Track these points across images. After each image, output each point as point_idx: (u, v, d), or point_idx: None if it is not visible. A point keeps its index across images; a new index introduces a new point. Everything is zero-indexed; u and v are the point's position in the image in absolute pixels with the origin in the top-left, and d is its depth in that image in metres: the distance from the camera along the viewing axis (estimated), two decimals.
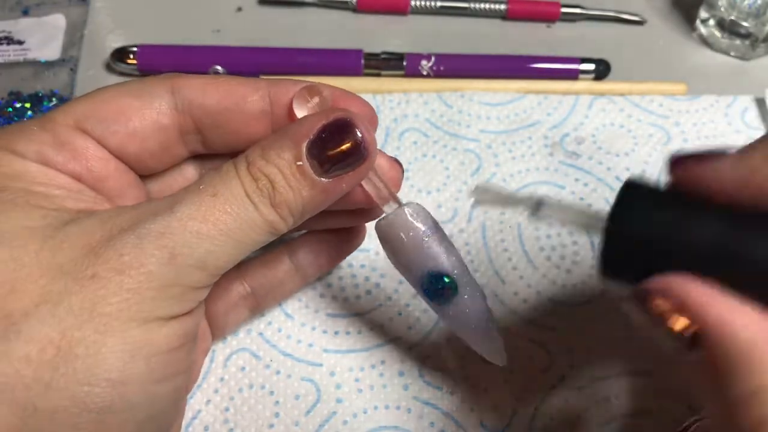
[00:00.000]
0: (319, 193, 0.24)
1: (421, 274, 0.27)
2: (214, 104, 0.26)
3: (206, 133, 0.26)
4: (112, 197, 0.25)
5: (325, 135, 0.24)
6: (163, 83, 0.25)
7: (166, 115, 0.25)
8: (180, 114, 0.25)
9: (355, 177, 0.25)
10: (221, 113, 0.26)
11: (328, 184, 0.24)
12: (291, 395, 0.32)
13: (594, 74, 0.44)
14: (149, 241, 0.21)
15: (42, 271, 0.21)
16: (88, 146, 0.24)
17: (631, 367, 0.33)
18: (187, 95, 0.25)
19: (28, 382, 0.20)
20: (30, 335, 0.20)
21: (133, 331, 0.21)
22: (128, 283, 0.21)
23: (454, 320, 0.27)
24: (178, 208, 0.22)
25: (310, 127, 0.24)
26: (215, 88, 0.26)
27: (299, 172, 0.23)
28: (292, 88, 0.26)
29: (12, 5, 0.47)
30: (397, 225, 0.26)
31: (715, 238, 0.20)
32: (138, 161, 0.26)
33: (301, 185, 0.24)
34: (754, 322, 0.19)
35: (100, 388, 0.20)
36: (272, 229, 0.24)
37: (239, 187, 0.23)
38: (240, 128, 0.26)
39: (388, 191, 0.26)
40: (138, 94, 0.25)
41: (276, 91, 0.26)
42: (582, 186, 0.39)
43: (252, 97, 0.26)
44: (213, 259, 0.23)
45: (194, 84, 0.25)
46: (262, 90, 0.26)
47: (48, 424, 0.20)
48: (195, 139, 0.26)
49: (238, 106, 0.26)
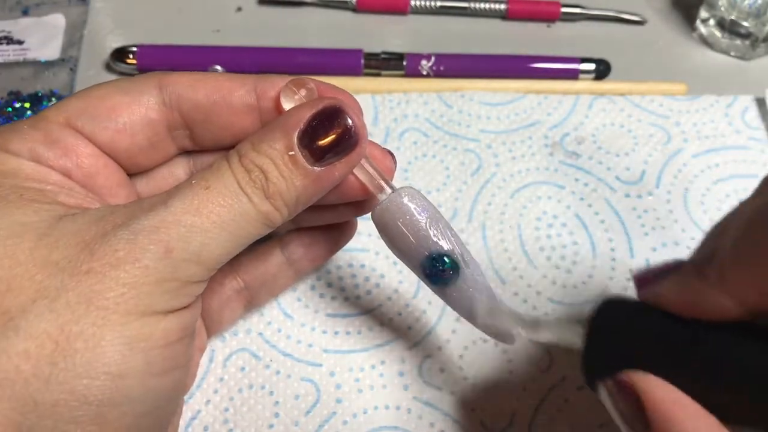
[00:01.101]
0: (312, 182, 0.24)
1: (421, 258, 0.26)
2: (202, 98, 0.26)
3: (195, 128, 0.26)
4: (103, 195, 0.25)
5: (316, 123, 0.24)
6: (151, 80, 0.26)
7: (154, 110, 0.26)
8: (168, 109, 0.26)
9: (347, 164, 0.25)
10: (209, 107, 0.26)
11: (321, 172, 0.24)
12: (291, 395, 0.32)
13: (594, 74, 0.44)
14: (144, 236, 0.22)
15: (38, 268, 0.21)
16: (78, 143, 0.25)
17: None
18: (175, 90, 0.26)
19: (27, 378, 0.20)
20: (28, 331, 0.20)
21: (131, 324, 0.21)
22: (124, 277, 0.21)
23: (459, 302, 0.27)
24: (172, 203, 0.22)
25: (300, 117, 0.24)
26: (203, 83, 0.26)
27: (291, 162, 0.24)
28: (279, 82, 0.26)
29: (12, 5, 0.47)
30: (392, 210, 0.26)
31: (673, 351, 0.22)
32: (127, 157, 0.26)
33: (293, 175, 0.24)
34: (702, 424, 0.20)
35: (99, 382, 0.20)
36: (267, 220, 0.24)
37: (232, 179, 0.23)
38: (228, 122, 0.26)
39: (381, 178, 0.26)
40: (127, 90, 0.26)
41: (262, 86, 0.26)
42: (582, 186, 0.39)
43: (239, 92, 0.26)
44: (208, 252, 0.23)
45: (182, 80, 0.26)
46: (249, 85, 0.26)
47: (48, 419, 0.20)
48: (183, 134, 0.27)
49: (225, 100, 0.26)
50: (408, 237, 0.26)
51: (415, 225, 0.26)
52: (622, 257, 0.37)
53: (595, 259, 0.37)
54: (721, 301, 0.21)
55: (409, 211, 0.26)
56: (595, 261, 0.37)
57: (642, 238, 0.37)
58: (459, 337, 0.34)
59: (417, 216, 0.26)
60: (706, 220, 0.38)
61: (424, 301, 0.35)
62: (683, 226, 0.38)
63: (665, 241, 0.37)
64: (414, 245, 0.26)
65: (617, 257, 0.37)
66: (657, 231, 0.38)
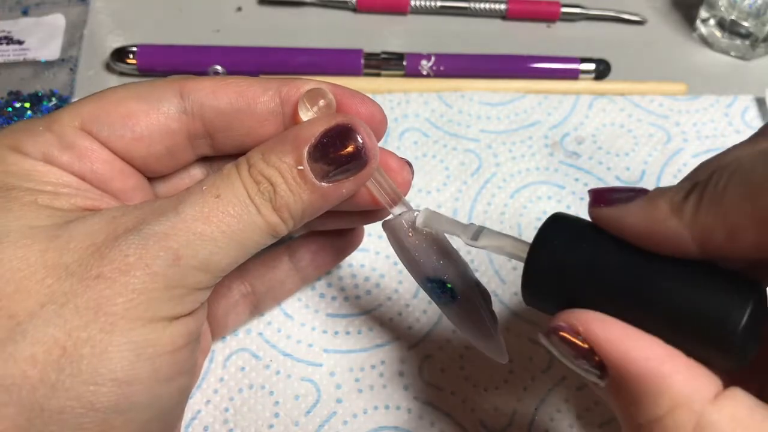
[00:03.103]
0: (319, 197, 0.24)
1: (422, 277, 0.27)
2: (226, 106, 0.25)
3: (217, 136, 0.26)
4: (119, 197, 0.25)
5: (327, 140, 0.24)
6: (172, 86, 0.25)
7: (174, 119, 0.25)
8: (189, 118, 0.25)
9: (355, 182, 0.25)
10: (233, 115, 0.25)
11: (328, 188, 0.24)
12: (291, 395, 0.32)
13: (594, 74, 0.44)
14: (154, 242, 0.22)
15: (47, 271, 0.21)
16: (93, 148, 0.24)
17: None
18: (197, 98, 0.25)
19: (34, 383, 0.20)
20: (36, 336, 0.20)
21: (138, 330, 0.21)
22: (133, 283, 0.21)
23: (455, 319, 0.28)
24: (183, 209, 0.22)
25: (311, 131, 0.24)
26: (225, 90, 0.25)
27: (300, 176, 0.24)
28: (303, 86, 0.26)
29: (12, 5, 0.47)
30: (398, 230, 0.27)
31: (621, 278, 0.21)
32: (144, 164, 0.26)
33: (301, 189, 0.24)
34: (655, 355, 0.20)
35: (106, 388, 0.21)
36: (273, 231, 0.24)
37: (242, 189, 0.23)
38: (251, 129, 0.26)
39: (394, 194, 0.27)
40: (146, 97, 0.25)
41: (287, 91, 0.26)
42: (582, 186, 0.39)
43: (263, 98, 0.26)
44: (216, 260, 0.23)
45: (204, 86, 0.25)
46: (273, 90, 0.26)
47: (54, 424, 0.20)
48: (204, 143, 0.26)
49: (250, 107, 0.25)
50: (412, 257, 0.27)
51: (418, 248, 0.26)
52: None
53: None
54: (683, 237, 0.20)
55: (416, 234, 0.26)
56: None
57: None
58: (459, 337, 0.34)
59: (420, 241, 0.26)
60: None
61: (425, 301, 0.35)
62: None
63: None
64: (416, 265, 0.27)
65: None
66: None
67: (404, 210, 0.27)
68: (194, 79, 0.26)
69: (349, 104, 0.26)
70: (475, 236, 0.25)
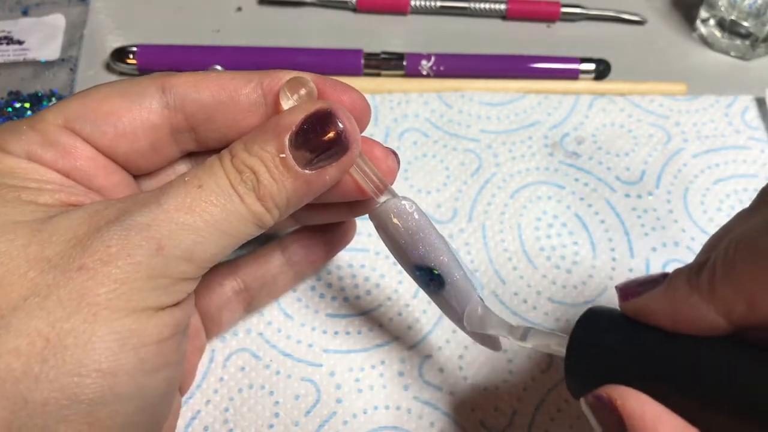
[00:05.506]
0: (303, 184, 0.24)
1: (409, 264, 0.27)
2: (207, 99, 0.26)
3: (200, 129, 0.26)
4: (103, 194, 0.25)
5: (307, 127, 0.24)
6: (154, 82, 0.26)
7: (156, 114, 0.25)
8: (172, 112, 0.26)
9: (338, 168, 0.25)
10: (215, 107, 0.26)
11: (311, 175, 0.24)
12: (291, 395, 0.32)
13: (594, 74, 0.44)
14: (136, 232, 0.22)
15: (30, 265, 0.21)
16: (76, 145, 0.25)
17: None
18: (179, 92, 0.25)
19: (18, 375, 0.20)
20: (19, 329, 0.20)
21: (122, 320, 0.21)
22: (115, 273, 0.21)
23: (445, 308, 0.28)
24: (165, 200, 0.22)
25: (292, 119, 0.24)
26: (207, 83, 0.26)
27: (282, 164, 0.24)
28: (284, 77, 0.26)
29: (12, 5, 0.47)
30: (384, 218, 0.27)
31: (651, 362, 0.22)
32: (128, 161, 0.26)
33: (284, 177, 0.24)
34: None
35: (90, 379, 0.20)
36: (258, 221, 0.24)
37: (224, 179, 0.23)
38: (234, 121, 0.26)
39: (379, 181, 0.27)
40: (128, 93, 0.25)
41: (268, 82, 0.26)
42: (582, 186, 0.39)
43: (245, 90, 0.26)
44: (200, 250, 0.23)
45: (186, 80, 0.26)
46: (255, 82, 0.26)
47: (39, 417, 0.20)
48: (187, 137, 0.27)
49: (232, 99, 0.26)
50: (399, 245, 0.27)
51: (404, 235, 0.26)
52: (622, 257, 0.37)
53: (595, 259, 0.37)
54: (708, 313, 0.21)
55: (402, 221, 0.26)
56: (595, 261, 0.37)
57: (642, 238, 0.37)
58: (459, 337, 0.34)
59: (406, 228, 0.26)
60: (706, 220, 0.38)
61: (424, 301, 0.35)
62: (683, 226, 0.38)
63: (665, 241, 0.37)
64: (403, 253, 0.27)
65: (617, 257, 0.37)
66: (657, 231, 0.38)
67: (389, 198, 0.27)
68: (176, 74, 0.26)
69: (331, 93, 0.26)
70: (522, 337, 0.26)
